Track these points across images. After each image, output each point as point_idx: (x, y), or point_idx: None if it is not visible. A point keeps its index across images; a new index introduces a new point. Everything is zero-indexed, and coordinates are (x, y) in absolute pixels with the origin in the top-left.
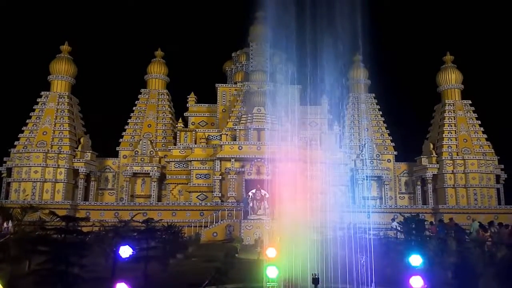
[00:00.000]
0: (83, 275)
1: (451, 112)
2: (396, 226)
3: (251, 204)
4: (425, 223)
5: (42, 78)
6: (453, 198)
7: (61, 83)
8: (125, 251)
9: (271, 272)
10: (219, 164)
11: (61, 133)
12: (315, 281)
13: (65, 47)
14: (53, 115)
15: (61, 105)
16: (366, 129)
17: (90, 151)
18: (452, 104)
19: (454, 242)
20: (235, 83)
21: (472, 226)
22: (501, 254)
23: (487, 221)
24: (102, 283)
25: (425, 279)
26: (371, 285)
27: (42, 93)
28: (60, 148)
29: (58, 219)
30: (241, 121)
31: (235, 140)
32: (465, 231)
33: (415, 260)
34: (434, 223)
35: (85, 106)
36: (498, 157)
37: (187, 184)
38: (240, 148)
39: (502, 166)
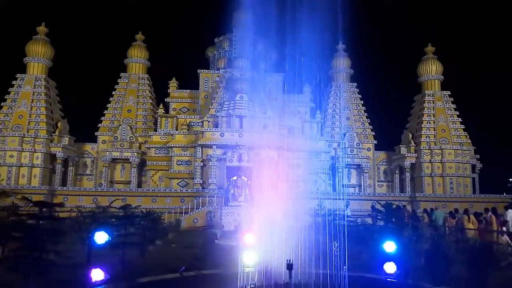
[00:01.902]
0: (58, 261)
1: (431, 103)
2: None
3: (232, 191)
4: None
5: (18, 60)
6: (430, 187)
7: (38, 65)
8: (101, 237)
9: (248, 258)
10: (200, 150)
11: (37, 117)
12: (289, 266)
13: (41, 28)
14: (29, 98)
15: (37, 88)
16: (347, 118)
17: (68, 136)
18: (431, 95)
19: (429, 229)
20: (218, 69)
21: (434, 213)
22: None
23: (462, 209)
24: (78, 269)
25: (398, 265)
26: (343, 270)
27: (18, 75)
28: (36, 132)
29: (31, 204)
30: (223, 108)
31: (217, 127)
32: (419, 219)
33: (389, 246)
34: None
35: (62, 89)
36: (474, 147)
37: (167, 170)
38: (222, 135)
39: (478, 156)
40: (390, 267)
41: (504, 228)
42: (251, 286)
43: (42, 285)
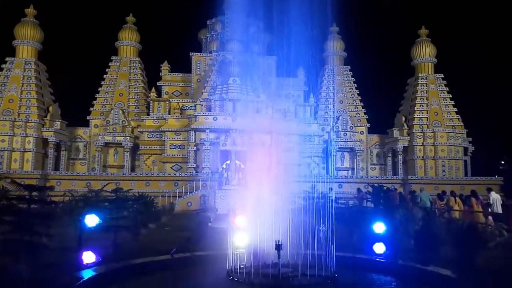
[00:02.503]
0: (49, 244)
1: (424, 86)
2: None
3: (225, 175)
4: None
5: (6, 43)
6: (422, 170)
7: (27, 48)
8: (92, 220)
9: (239, 240)
10: (193, 134)
11: (28, 101)
12: (278, 247)
13: (30, 10)
14: (19, 82)
15: (27, 71)
16: (340, 101)
17: (60, 120)
18: (425, 78)
19: (420, 211)
20: (211, 52)
21: (420, 195)
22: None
23: (454, 191)
24: (69, 252)
25: (387, 246)
26: (331, 250)
27: (7, 59)
28: (27, 116)
29: (21, 188)
30: (216, 92)
31: (210, 111)
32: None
33: (379, 227)
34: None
35: (53, 73)
36: (467, 130)
37: (161, 154)
38: (215, 119)
39: (470, 139)
40: (379, 248)
41: (490, 210)
42: (241, 266)
43: (33, 268)
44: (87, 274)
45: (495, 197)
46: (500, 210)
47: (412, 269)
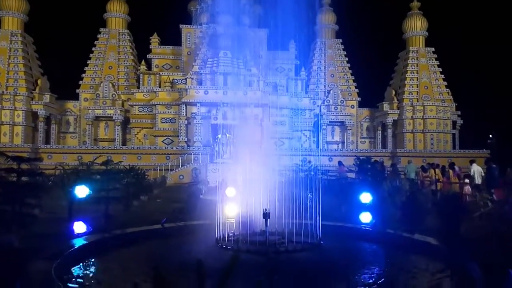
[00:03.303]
0: (40, 215)
1: (414, 59)
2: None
3: (216, 149)
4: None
5: None
6: (411, 143)
7: (13, 20)
8: (82, 191)
9: (228, 210)
10: (184, 108)
11: (16, 74)
12: (265, 215)
13: None
14: (6, 54)
15: (14, 44)
16: (331, 75)
17: (49, 93)
18: (416, 51)
19: (407, 182)
20: (201, 24)
21: (407, 167)
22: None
23: (441, 164)
24: (60, 223)
25: (374, 215)
26: (317, 219)
27: None
28: (15, 89)
29: (9, 160)
30: (207, 65)
31: (201, 85)
32: (397, 173)
33: (365, 197)
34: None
35: (40, 46)
36: (456, 104)
37: (152, 128)
38: (206, 93)
39: (459, 113)
40: (365, 217)
41: (467, 180)
42: (229, 234)
43: (24, 238)
44: (78, 242)
45: (476, 169)
46: (479, 182)
47: (397, 237)
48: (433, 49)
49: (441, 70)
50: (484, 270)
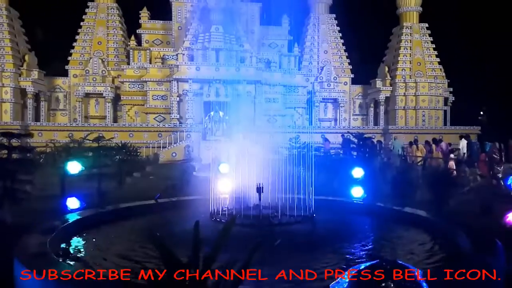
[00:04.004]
0: (32, 192)
1: (408, 35)
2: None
3: (209, 126)
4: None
5: None
6: (403, 120)
7: None
8: (74, 167)
9: (222, 186)
10: (176, 85)
11: (2, 49)
12: (259, 190)
13: None
14: None
15: None
16: (325, 51)
17: (37, 70)
18: (409, 27)
19: (398, 159)
20: None
21: (393, 144)
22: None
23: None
24: (53, 200)
25: (365, 190)
26: (310, 193)
27: None
28: (2, 65)
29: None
30: (198, 40)
31: (192, 60)
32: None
33: (357, 172)
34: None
35: (26, 21)
36: (448, 80)
37: (143, 105)
38: (197, 69)
39: (451, 89)
40: (357, 192)
41: (452, 155)
42: (223, 208)
43: (17, 214)
44: (72, 217)
45: (464, 144)
46: (465, 157)
47: (388, 210)
48: (426, 25)
49: (434, 46)
50: (473, 241)
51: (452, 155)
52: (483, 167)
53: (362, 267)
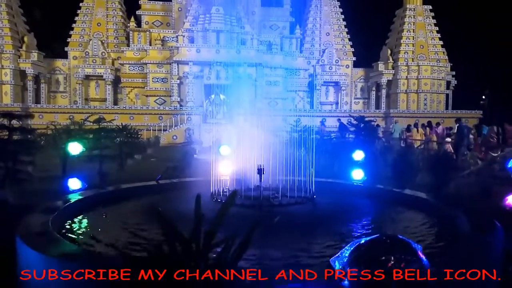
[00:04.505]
0: (34, 173)
1: (411, 18)
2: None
3: (210, 109)
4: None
5: None
6: (405, 103)
7: None
8: (75, 148)
9: (223, 167)
10: (176, 67)
11: (0, 30)
12: (260, 171)
13: None
14: None
15: None
16: (327, 34)
17: (37, 51)
18: (413, 9)
19: (398, 142)
20: None
21: (393, 127)
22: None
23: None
24: (54, 181)
25: (366, 172)
26: (310, 175)
27: None
28: (2, 47)
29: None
30: (199, 22)
31: (193, 42)
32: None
33: (358, 155)
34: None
35: (24, 2)
36: (451, 64)
37: (143, 88)
38: (198, 51)
39: (454, 73)
40: (358, 174)
41: (449, 139)
42: (224, 189)
43: (19, 195)
44: (74, 197)
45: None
46: (470, 140)
47: (388, 192)
48: (430, 7)
49: (437, 29)
50: (472, 222)
51: (448, 139)
52: (479, 151)
53: (363, 241)
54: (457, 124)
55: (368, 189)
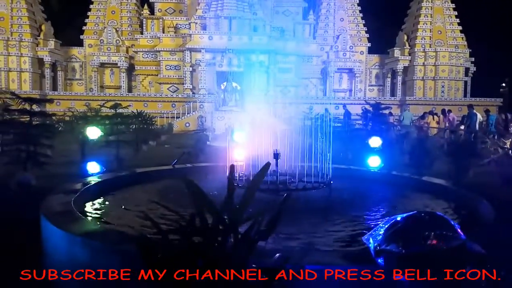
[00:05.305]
0: (52, 155)
1: (429, 2)
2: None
3: (222, 96)
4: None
5: None
6: (421, 90)
7: None
8: (94, 132)
9: (238, 154)
10: (189, 55)
11: (19, 19)
12: (276, 156)
13: None
14: None
15: None
16: (341, 19)
17: (54, 39)
18: None
19: (415, 130)
20: None
21: (402, 115)
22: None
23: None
24: (74, 165)
25: (383, 160)
26: (326, 161)
27: None
28: (21, 35)
29: (21, 101)
30: (211, 9)
31: (205, 30)
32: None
33: (375, 141)
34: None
35: None
36: (470, 50)
37: (157, 75)
38: (210, 38)
39: (473, 59)
40: (374, 161)
41: (462, 127)
42: (240, 174)
43: (40, 177)
44: (93, 180)
45: (473, 115)
46: (476, 128)
47: (406, 178)
48: None
49: (456, 14)
50: (494, 208)
51: (462, 127)
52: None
53: (399, 218)
54: (468, 111)
55: (387, 176)
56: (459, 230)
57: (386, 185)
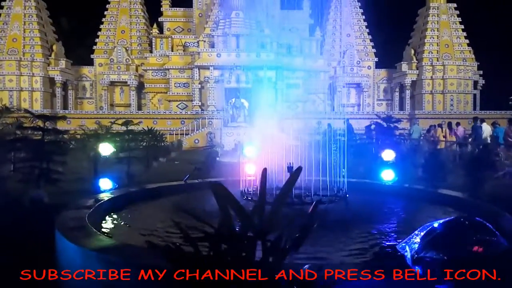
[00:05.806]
0: (66, 173)
1: (435, 16)
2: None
3: (231, 112)
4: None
5: None
6: (430, 104)
7: None
8: (106, 149)
9: (249, 168)
10: (197, 72)
11: (31, 40)
12: (289, 169)
13: None
14: (21, 20)
15: (28, 9)
16: (347, 35)
17: (65, 59)
18: (436, 8)
19: (427, 143)
20: None
21: (412, 128)
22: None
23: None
24: (86, 182)
25: (396, 173)
26: (341, 175)
27: None
28: (32, 55)
29: (34, 118)
30: (219, 27)
31: (213, 47)
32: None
33: (388, 155)
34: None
35: (53, 11)
36: (478, 63)
37: (166, 93)
38: (218, 55)
39: (481, 72)
40: (388, 175)
41: (470, 139)
42: (254, 188)
43: (53, 194)
44: (106, 196)
45: (485, 129)
46: (488, 141)
47: (421, 191)
48: (455, 5)
49: (463, 27)
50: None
51: (470, 140)
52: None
53: (436, 224)
54: (473, 124)
55: (402, 189)
56: (499, 236)
57: (404, 199)
